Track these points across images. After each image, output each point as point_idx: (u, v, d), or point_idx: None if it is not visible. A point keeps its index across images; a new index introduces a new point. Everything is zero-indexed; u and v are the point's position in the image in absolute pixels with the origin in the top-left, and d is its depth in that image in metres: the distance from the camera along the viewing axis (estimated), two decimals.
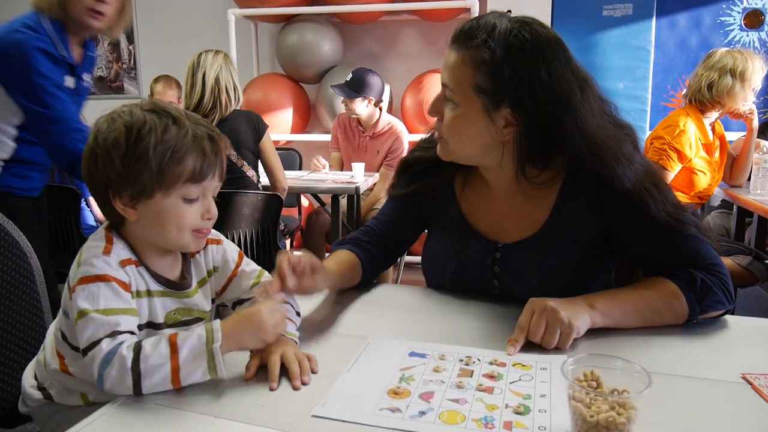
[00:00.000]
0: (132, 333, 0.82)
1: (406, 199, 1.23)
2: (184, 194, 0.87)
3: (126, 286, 0.86)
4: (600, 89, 1.06)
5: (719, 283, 0.99)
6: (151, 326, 0.91)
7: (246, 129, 2.55)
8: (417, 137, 2.00)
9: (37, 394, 0.98)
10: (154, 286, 0.91)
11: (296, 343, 0.90)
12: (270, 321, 0.83)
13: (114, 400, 0.77)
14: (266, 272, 1.03)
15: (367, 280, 1.21)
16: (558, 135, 0.99)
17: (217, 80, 2.48)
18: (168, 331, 0.83)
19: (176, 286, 0.94)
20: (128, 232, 0.91)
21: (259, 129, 2.59)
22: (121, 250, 0.89)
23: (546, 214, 1.08)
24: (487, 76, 0.98)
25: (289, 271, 0.93)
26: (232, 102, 2.53)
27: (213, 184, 0.91)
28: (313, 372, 0.84)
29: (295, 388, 0.79)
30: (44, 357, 0.98)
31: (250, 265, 1.03)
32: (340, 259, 1.17)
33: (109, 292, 0.83)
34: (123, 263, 0.88)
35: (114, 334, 0.80)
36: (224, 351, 0.80)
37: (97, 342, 0.79)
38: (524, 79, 0.96)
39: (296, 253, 0.98)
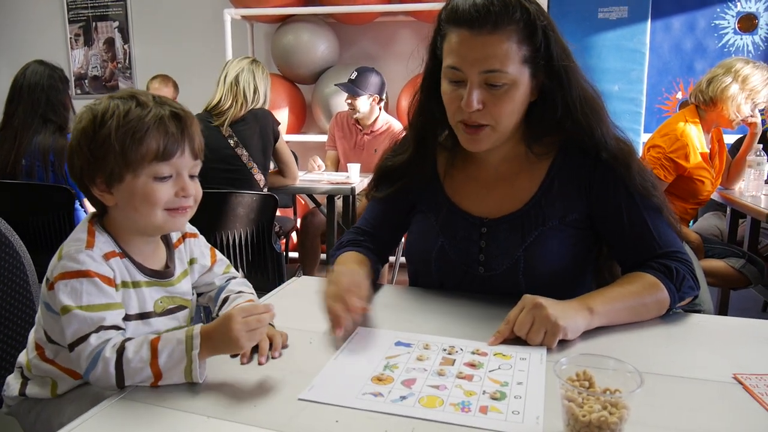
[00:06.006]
0: (118, 328, 0.84)
1: (391, 198, 1.24)
2: (154, 173, 0.88)
3: (109, 281, 0.86)
4: None
5: (688, 270, 1.04)
6: (143, 317, 0.92)
7: (260, 132, 2.60)
8: None
9: (14, 390, 0.98)
10: (140, 277, 0.92)
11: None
12: (243, 328, 0.79)
13: (103, 402, 0.77)
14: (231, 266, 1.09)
15: (374, 278, 1.21)
16: (559, 90, 1.04)
17: (236, 79, 2.56)
18: (151, 336, 0.83)
19: (161, 275, 0.96)
20: (110, 221, 0.92)
21: (274, 130, 2.65)
22: (103, 243, 0.89)
23: (533, 190, 1.11)
24: (528, 44, 1.01)
25: (346, 316, 0.94)
26: (249, 102, 2.58)
27: (186, 162, 0.90)
28: (283, 347, 0.91)
29: (260, 363, 0.86)
30: (26, 350, 0.98)
31: (219, 255, 1.08)
32: (357, 259, 1.18)
33: (92, 288, 0.84)
34: (107, 256, 0.88)
35: (99, 329, 0.81)
36: (203, 357, 0.80)
37: (83, 338, 0.81)
38: (549, 35, 1.02)
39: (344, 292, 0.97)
